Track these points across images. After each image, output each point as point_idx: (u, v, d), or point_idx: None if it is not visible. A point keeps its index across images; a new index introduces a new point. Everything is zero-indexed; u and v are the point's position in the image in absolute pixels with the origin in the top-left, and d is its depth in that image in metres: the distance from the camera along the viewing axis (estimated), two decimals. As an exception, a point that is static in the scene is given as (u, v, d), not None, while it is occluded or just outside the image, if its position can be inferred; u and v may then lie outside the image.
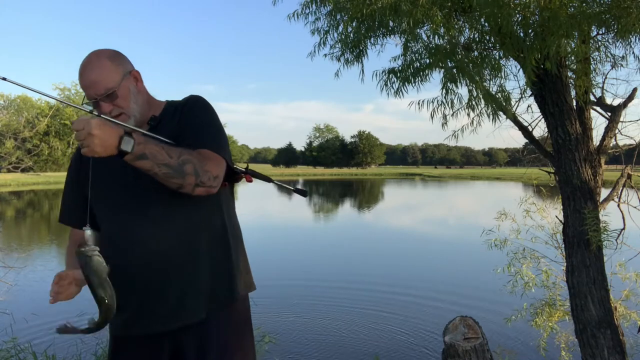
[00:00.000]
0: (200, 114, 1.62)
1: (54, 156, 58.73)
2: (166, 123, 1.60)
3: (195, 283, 1.55)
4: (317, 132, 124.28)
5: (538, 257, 4.65)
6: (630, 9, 2.54)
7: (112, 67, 1.53)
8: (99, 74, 1.50)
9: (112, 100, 1.51)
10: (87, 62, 1.53)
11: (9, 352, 4.10)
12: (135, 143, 1.32)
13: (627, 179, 3.57)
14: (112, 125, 1.33)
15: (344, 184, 56.00)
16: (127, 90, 1.54)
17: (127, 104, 1.54)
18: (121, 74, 1.54)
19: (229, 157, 1.60)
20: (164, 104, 1.69)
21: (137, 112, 1.57)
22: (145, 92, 1.64)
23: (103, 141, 1.28)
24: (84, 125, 1.27)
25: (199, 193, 1.47)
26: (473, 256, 10.18)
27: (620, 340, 3.26)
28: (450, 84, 2.96)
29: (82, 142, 1.29)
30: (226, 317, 1.61)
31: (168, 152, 1.39)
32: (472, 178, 73.34)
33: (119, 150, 1.31)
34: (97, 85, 1.49)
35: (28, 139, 48.03)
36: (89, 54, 1.56)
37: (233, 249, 1.65)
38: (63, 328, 1.47)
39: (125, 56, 1.61)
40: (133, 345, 1.58)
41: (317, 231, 17.55)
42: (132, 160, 1.34)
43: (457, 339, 2.69)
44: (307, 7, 3.28)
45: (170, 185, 1.43)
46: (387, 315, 7.01)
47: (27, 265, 9.21)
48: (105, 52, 1.56)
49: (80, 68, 1.53)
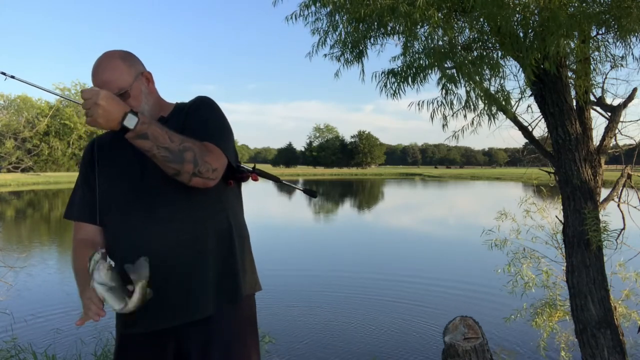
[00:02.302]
0: (206, 113, 1.63)
1: (54, 156, 58.79)
2: (173, 124, 1.60)
3: (199, 281, 1.55)
4: (317, 132, 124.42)
5: (538, 257, 4.65)
6: (630, 9, 2.54)
7: (125, 67, 1.55)
8: (111, 75, 1.52)
9: (124, 100, 1.52)
10: (100, 62, 1.55)
11: (9, 352, 4.10)
12: (139, 122, 1.34)
13: (627, 179, 3.57)
14: (120, 101, 1.35)
15: (344, 184, 55.99)
16: (138, 90, 1.57)
17: (138, 105, 1.56)
18: (133, 75, 1.56)
19: (233, 155, 1.60)
20: (173, 105, 1.71)
21: (147, 112, 1.59)
22: (156, 93, 1.66)
23: (107, 113, 1.30)
24: (92, 95, 1.30)
25: (196, 184, 1.47)
26: (473, 256, 10.18)
27: (620, 340, 3.26)
28: (449, 84, 2.96)
29: (87, 112, 1.30)
30: (231, 316, 1.62)
31: (170, 136, 1.40)
32: (472, 178, 73.33)
33: (121, 126, 1.32)
34: (110, 86, 1.50)
35: (28, 139, 48.04)
36: (102, 55, 1.58)
37: (238, 248, 1.65)
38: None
39: (137, 57, 1.64)
40: (138, 343, 1.59)
41: (316, 231, 17.55)
42: (133, 138, 1.35)
43: (457, 339, 2.69)
44: (306, 8, 3.28)
45: (168, 171, 1.43)
46: (387, 315, 7.01)
47: (27, 265, 9.21)
48: (118, 53, 1.58)
49: (93, 68, 1.55)
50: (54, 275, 9.39)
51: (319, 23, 3.34)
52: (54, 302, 7.23)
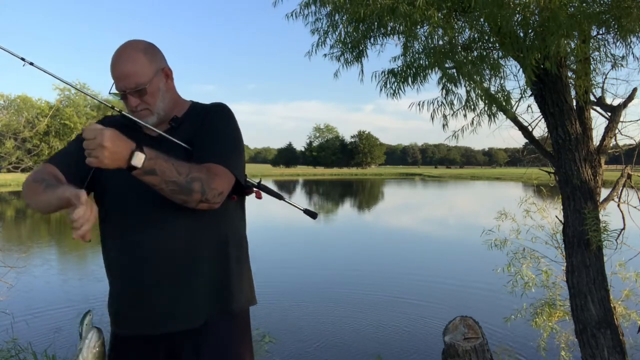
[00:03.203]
0: (221, 124, 1.59)
1: (54, 156, 58.69)
2: (186, 126, 1.59)
3: (190, 290, 1.52)
4: (317, 132, 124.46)
5: (538, 257, 4.64)
6: (631, 9, 2.54)
7: (146, 62, 1.51)
8: (131, 68, 1.48)
9: (141, 96, 1.51)
10: (121, 53, 1.51)
11: (9, 352, 4.10)
12: (146, 158, 1.29)
13: (627, 179, 3.57)
14: (125, 138, 1.28)
15: (344, 184, 55.99)
16: (156, 87, 1.53)
17: (154, 101, 1.53)
18: (154, 71, 1.52)
19: (241, 172, 1.57)
20: (188, 104, 1.67)
21: (162, 109, 1.56)
22: (173, 90, 1.63)
23: (114, 154, 1.24)
24: (95, 135, 1.22)
25: (202, 208, 1.45)
26: (473, 256, 10.18)
27: (620, 340, 3.26)
28: (449, 84, 2.96)
29: (91, 152, 1.23)
30: (225, 328, 1.59)
31: (177, 168, 1.35)
32: (472, 178, 73.33)
33: (129, 165, 1.27)
34: (129, 79, 1.48)
35: (28, 139, 47.95)
36: (125, 44, 1.53)
37: (234, 259, 1.62)
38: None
39: (160, 51, 1.60)
40: (129, 344, 1.57)
41: (316, 231, 17.54)
42: (140, 175, 1.31)
43: (457, 339, 2.69)
44: (307, 7, 3.28)
45: (174, 200, 1.41)
46: (387, 315, 7.01)
47: (28, 265, 9.21)
48: (141, 45, 1.54)
49: (113, 57, 1.51)
50: (54, 275, 9.38)
51: (318, 23, 3.34)
52: (54, 302, 7.23)
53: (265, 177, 72.41)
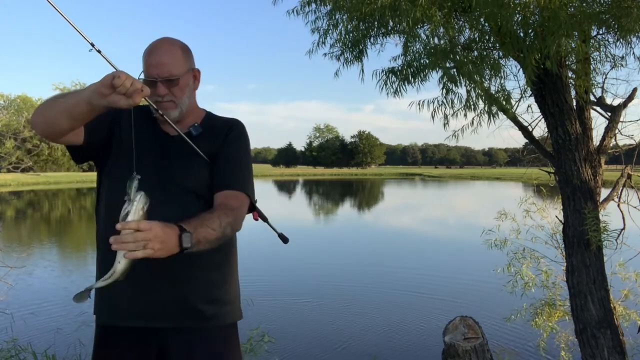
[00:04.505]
0: (241, 148, 1.69)
1: (54, 156, 58.73)
2: (205, 138, 1.63)
3: (184, 289, 1.55)
4: (317, 132, 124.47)
5: (538, 257, 4.65)
6: (630, 9, 2.54)
7: (182, 57, 1.59)
8: (169, 58, 1.55)
9: (170, 86, 1.56)
10: (160, 45, 1.58)
11: (9, 352, 4.09)
12: (192, 236, 1.31)
13: (627, 179, 3.57)
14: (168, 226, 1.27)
15: (343, 184, 56.01)
16: (186, 83, 1.60)
17: (181, 95, 1.59)
18: (187, 67, 1.61)
19: (254, 194, 1.67)
20: (203, 113, 1.73)
21: (186, 106, 1.62)
22: (195, 94, 1.69)
23: (164, 244, 1.24)
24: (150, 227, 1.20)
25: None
26: (473, 256, 10.18)
27: (620, 340, 3.26)
28: (450, 83, 2.96)
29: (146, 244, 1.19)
30: (215, 333, 1.61)
31: (211, 226, 1.41)
32: (472, 178, 73.36)
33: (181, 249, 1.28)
34: (164, 68, 1.54)
35: (28, 139, 48.05)
36: (163, 38, 1.61)
37: (228, 267, 1.67)
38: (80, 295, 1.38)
39: (192, 54, 1.68)
40: (119, 337, 1.58)
41: (316, 231, 17.55)
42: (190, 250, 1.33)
43: (457, 339, 2.69)
44: (307, 5, 3.28)
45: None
46: (387, 315, 7.01)
47: (27, 265, 9.21)
48: (179, 42, 1.63)
49: (150, 47, 1.58)
50: (54, 276, 9.38)
51: (319, 22, 3.35)
52: (54, 303, 7.24)
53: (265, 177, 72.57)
